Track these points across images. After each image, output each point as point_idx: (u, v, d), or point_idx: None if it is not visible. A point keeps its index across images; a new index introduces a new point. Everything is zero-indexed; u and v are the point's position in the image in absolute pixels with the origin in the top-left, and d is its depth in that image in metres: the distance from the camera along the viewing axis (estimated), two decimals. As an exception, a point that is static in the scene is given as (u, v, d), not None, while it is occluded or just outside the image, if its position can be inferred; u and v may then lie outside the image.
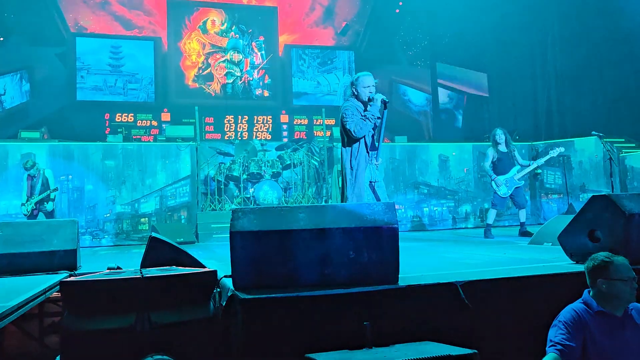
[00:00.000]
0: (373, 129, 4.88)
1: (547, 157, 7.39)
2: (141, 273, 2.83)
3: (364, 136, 4.79)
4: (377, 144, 4.86)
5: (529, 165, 7.34)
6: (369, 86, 4.88)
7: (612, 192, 7.48)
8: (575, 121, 11.98)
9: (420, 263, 4.48)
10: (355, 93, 4.86)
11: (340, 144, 9.85)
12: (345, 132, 4.67)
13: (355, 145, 4.74)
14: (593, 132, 7.70)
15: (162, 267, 3.19)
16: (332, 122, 13.16)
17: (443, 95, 14.50)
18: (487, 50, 13.97)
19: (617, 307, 2.67)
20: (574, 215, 4.09)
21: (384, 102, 4.82)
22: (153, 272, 2.92)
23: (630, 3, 11.60)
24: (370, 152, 4.83)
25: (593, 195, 3.89)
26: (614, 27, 11.66)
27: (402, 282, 3.17)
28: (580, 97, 12.25)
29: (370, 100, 4.79)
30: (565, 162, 9.90)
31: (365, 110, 4.82)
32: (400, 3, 14.37)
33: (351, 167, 4.67)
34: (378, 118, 4.84)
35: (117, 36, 12.72)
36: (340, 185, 4.74)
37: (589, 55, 12.22)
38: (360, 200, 4.67)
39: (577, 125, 11.54)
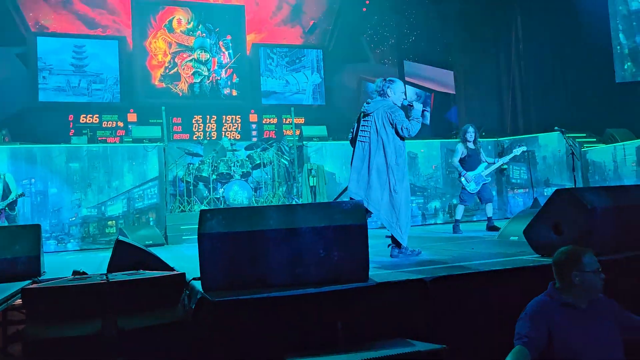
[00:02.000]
0: None
1: (511, 155, 7.57)
2: (107, 278, 2.76)
3: None
4: None
5: (495, 162, 7.49)
6: (403, 92, 5.03)
7: (575, 186, 7.68)
8: (539, 117, 12.24)
9: (390, 260, 4.51)
10: (390, 95, 4.89)
11: (309, 142, 9.89)
12: (400, 128, 4.68)
13: (402, 143, 4.79)
14: (555, 128, 7.90)
15: (129, 271, 3.12)
16: (301, 120, 13.15)
17: (411, 93, 14.64)
18: (452, 48, 14.16)
19: (585, 299, 2.73)
20: (538, 210, 4.18)
21: (425, 111, 4.89)
22: (119, 276, 2.86)
23: (590, 2, 11.93)
24: None
25: (556, 190, 3.98)
26: (576, 25, 11.97)
27: (372, 280, 3.18)
28: (544, 94, 12.53)
29: (410, 105, 4.87)
30: (530, 157, 10.12)
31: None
32: (367, 2, 14.44)
33: (397, 162, 4.68)
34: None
35: (80, 35, 12.42)
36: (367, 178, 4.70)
37: (552, 52, 12.52)
38: (409, 197, 4.72)
39: (541, 121, 11.81)
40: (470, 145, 7.41)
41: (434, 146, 10.35)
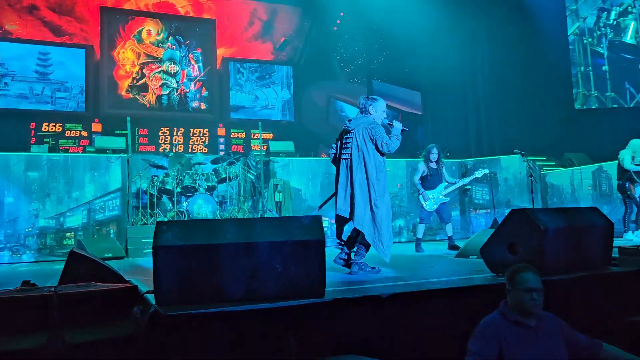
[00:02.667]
0: None
1: (472, 177, 7.75)
2: (54, 290, 2.69)
3: None
4: None
5: (455, 182, 7.63)
6: (384, 110, 5.07)
7: (533, 207, 7.88)
8: (502, 140, 12.56)
9: (348, 276, 4.52)
10: (371, 113, 4.94)
11: (276, 158, 9.88)
12: (379, 144, 4.74)
13: (382, 158, 4.86)
14: (515, 150, 8.12)
15: (80, 284, 3.04)
16: (269, 136, 13.15)
17: (379, 112, 14.83)
18: (420, 70, 14.45)
19: (527, 316, 2.80)
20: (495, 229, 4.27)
21: (404, 130, 4.95)
22: (68, 288, 2.78)
23: (551, 32, 12.39)
24: None
25: (512, 210, 4.08)
26: (538, 53, 12.40)
27: (328, 296, 3.18)
28: (507, 117, 12.89)
29: (390, 124, 4.95)
30: (492, 178, 10.35)
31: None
32: (338, 21, 14.65)
33: (377, 178, 4.75)
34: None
35: (46, 42, 12.19)
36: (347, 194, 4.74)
37: (515, 77, 12.92)
38: (390, 211, 4.78)
39: (504, 143, 12.11)
40: (432, 165, 7.54)
41: (399, 165, 10.48)
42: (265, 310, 2.94)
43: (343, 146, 4.99)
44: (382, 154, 4.84)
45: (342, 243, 4.89)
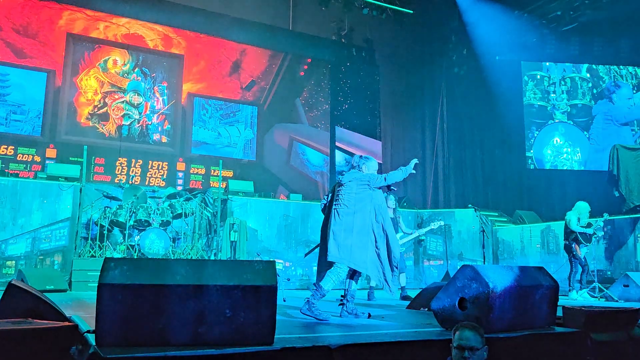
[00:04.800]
0: None
1: (428, 228, 7.87)
2: (-13, 325, 2.54)
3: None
4: None
5: (411, 233, 7.73)
6: (377, 170, 5.23)
7: (484, 262, 8.05)
8: (457, 193, 12.91)
9: (301, 324, 4.47)
10: (364, 171, 5.12)
11: (234, 197, 9.81)
12: (380, 178, 4.98)
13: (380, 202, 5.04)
14: (469, 205, 8.34)
15: (16, 320, 2.89)
16: (229, 174, 13.08)
17: (340, 157, 15.03)
18: (382, 120, 14.84)
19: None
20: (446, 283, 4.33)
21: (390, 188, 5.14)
22: (2, 324, 2.63)
23: (508, 95, 13.01)
24: None
25: (463, 265, 4.16)
26: (494, 113, 12.97)
27: (277, 343, 3.13)
28: (463, 172, 13.30)
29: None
30: (446, 230, 10.55)
31: None
32: (306, 67, 14.97)
33: (377, 220, 4.98)
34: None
35: (6, 63, 11.90)
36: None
37: (472, 134, 13.43)
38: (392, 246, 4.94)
39: (459, 197, 12.44)
40: (390, 213, 7.62)
41: (357, 212, 10.56)
42: (211, 356, 2.85)
43: (335, 197, 5.08)
44: (388, 187, 5.06)
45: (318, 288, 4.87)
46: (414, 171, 5.16)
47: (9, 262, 8.22)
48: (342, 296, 5.07)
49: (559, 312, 4.54)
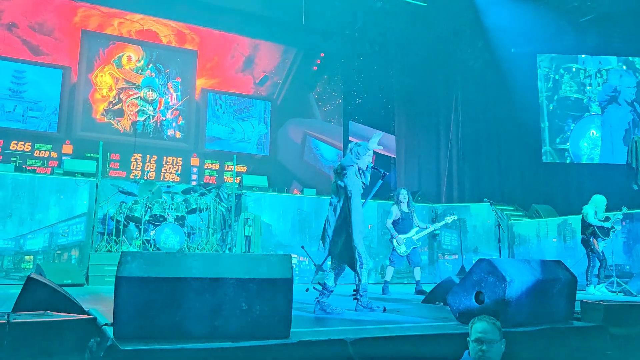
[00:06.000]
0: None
1: (443, 222, 7.81)
2: (7, 318, 2.57)
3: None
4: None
5: (427, 227, 7.68)
6: (367, 155, 5.10)
7: (500, 256, 7.98)
8: (472, 187, 12.80)
9: (315, 317, 4.46)
10: (351, 155, 5.03)
11: (248, 192, 9.84)
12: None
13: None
14: (485, 199, 8.26)
15: (36, 312, 2.92)
16: (243, 169, 13.12)
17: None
18: (396, 115, 14.76)
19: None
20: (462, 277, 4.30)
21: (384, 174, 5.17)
22: (22, 317, 2.66)
23: (523, 87, 12.85)
24: None
25: (479, 259, 4.12)
26: (510, 106, 12.81)
27: (293, 337, 3.13)
28: (478, 166, 13.18)
29: (374, 168, 5.18)
30: (461, 225, 10.48)
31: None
32: (319, 61, 14.93)
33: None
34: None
35: (22, 60, 12.05)
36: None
37: (487, 128, 13.28)
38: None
39: (474, 191, 12.34)
40: (404, 208, 7.59)
41: (371, 206, 10.53)
42: (228, 349, 2.86)
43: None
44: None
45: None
46: (379, 147, 5.07)
47: (27, 256, 8.33)
48: (354, 290, 5.05)
49: (577, 307, 4.49)
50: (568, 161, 12.99)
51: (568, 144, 13.11)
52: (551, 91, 13.42)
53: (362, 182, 5.08)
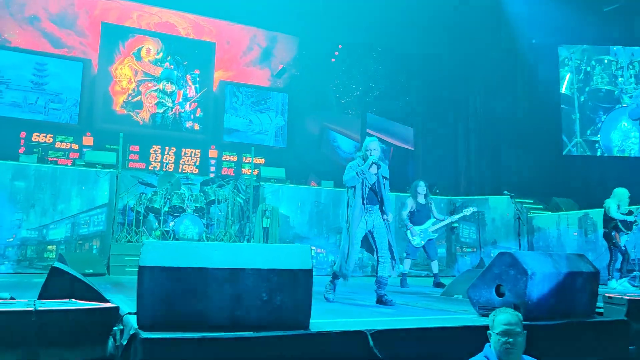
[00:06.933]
0: (372, 189, 5.15)
1: (461, 214, 7.75)
2: (34, 305, 2.62)
3: (361, 190, 5.13)
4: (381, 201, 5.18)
5: (444, 219, 7.63)
6: (373, 149, 5.19)
7: (520, 249, 7.90)
8: (491, 180, 12.68)
9: (334, 309, 4.48)
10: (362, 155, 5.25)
11: (266, 183, 9.88)
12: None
13: (351, 195, 5.16)
14: (505, 192, 8.17)
15: (61, 300, 2.97)
16: (261, 161, 13.16)
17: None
18: (415, 107, 14.65)
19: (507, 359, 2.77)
20: (483, 270, 4.26)
21: (375, 164, 5.14)
22: (48, 305, 2.71)
23: (547, 81, 12.66)
24: (367, 205, 5.13)
25: (500, 252, 4.08)
26: (530, 99, 12.65)
27: (313, 328, 3.14)
28: (497, 159, 13.04)
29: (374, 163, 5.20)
30: (479, 218, 10.40)
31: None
32: (337, 53, 14.87)
33: (347, 214, 5.20)
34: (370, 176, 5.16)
35: (44, 53, 12.20)
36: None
37: (507, 121, 13.12)
38: (351, 244, 5.07)
39: (493, 184, 12.22)
40: (420, 200, 7.55)
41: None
42: (248, 339, 2.88)
43: None
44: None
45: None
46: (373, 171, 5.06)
47: (49, 246, 8.48)
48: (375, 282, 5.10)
49: (599, 302, 4.43)
50: (599, 153, 12.82)
51: (599, 135, 12.94)
52: (582, 83, 13.23)
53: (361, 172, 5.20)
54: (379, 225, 5.19)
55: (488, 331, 2.85)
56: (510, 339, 2.72)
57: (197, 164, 13.18)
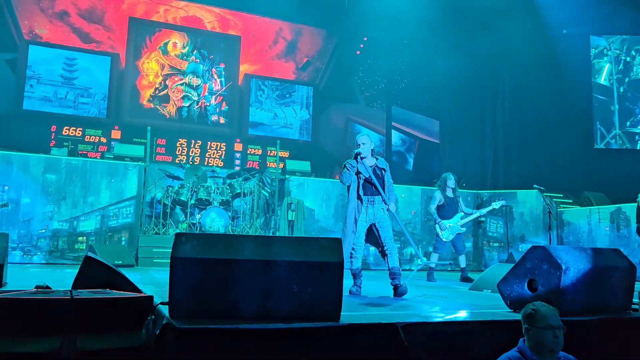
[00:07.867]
0: (367, 180, 5.22)
1: (490, 208, 7.63)
2: (71, 294, 2.67)
3: (357, 184, 5.25)
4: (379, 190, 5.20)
5: (472, 213, 7.53)
6: (358, 144, 5.38)
7: (550, 244, 7.76)
8: (519, 174, 12.47)
9: (363, 302, 4.46)
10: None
11: (291, 177, 9.90)
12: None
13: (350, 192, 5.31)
14: (534, 186, 8.03)
15: (95, 290, 3.03)
16: (286, 154, 13.18)
17: (396, 137, 14.85)
18: (440, 99, 14.48)
19: (547, 355, 2.72)
20: (513, 264, 4.20)
21: (358, 154, 5.28)
22: (84, 294, 2.76)
23: (578, 72, 12.37)
24: (365, 197, 5.23)
25: (532, 246, 4.01)
26: (561, 91, 12.37)
27: (343, 320, 3.13)
28: (525, 152, 12.81)
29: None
30: (507, 212, 10.24)
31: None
32: (362, 45, 14.77)
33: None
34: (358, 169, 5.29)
35: (74, 48, 12.40)
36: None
37: (536, 113, 12.87)
38: (347, 238, 5.15)
39: (521, 178, 12.02)
40: (449, 193, 7.47)
41: (414, 192, 10.43)
42: (279, 330, 2.89)
43: None
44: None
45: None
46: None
47: (80, 237, 8.66)
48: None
49: (635, 298, 4.33)
50: (639, 146, 12.52)
51: (639, 127, 12.62)
52: (622, 73, 12.90)
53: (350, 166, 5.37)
54: (382, 218, 5.20)
55: (525, 326, 2.79)
56: (558, 333, 2.67)
57: (223, 157, 13.27)
